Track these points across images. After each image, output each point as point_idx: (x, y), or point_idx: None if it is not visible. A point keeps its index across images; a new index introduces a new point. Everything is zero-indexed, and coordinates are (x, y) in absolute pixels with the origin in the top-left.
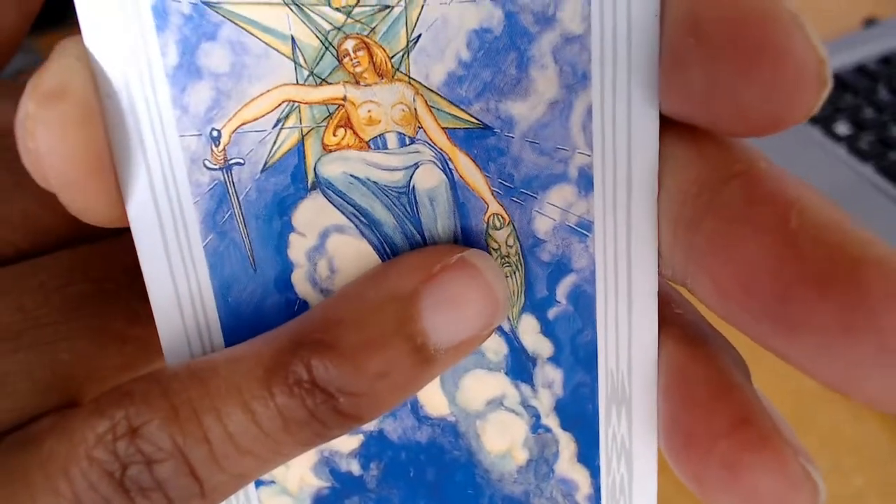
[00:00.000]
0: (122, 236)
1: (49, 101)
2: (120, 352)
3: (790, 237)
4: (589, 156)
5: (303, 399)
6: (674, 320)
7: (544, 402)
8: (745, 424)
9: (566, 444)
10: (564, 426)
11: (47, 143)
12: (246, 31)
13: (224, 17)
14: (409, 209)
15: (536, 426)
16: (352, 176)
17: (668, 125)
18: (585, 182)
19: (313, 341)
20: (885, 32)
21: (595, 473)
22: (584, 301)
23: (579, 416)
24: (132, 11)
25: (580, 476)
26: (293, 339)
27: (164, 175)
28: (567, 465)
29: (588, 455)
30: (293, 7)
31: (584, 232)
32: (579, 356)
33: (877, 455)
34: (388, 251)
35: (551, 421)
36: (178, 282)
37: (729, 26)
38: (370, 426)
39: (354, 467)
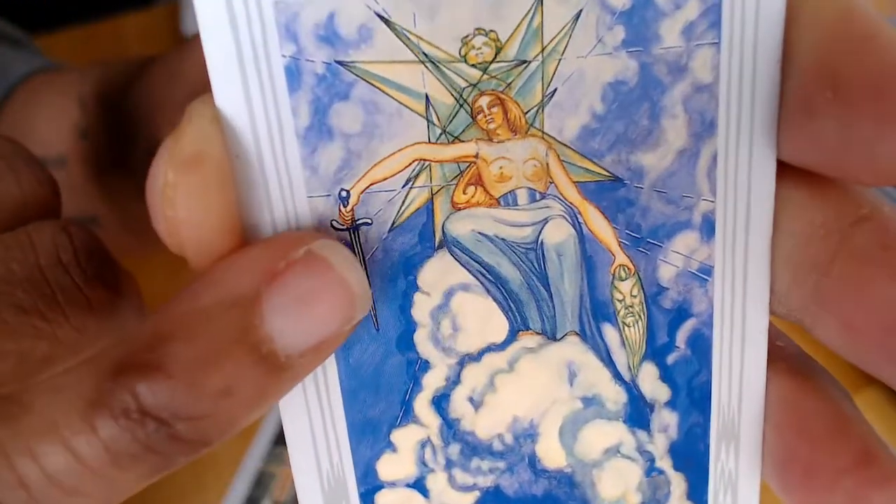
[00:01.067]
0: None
1: (188, 168)
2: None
3: None
4: (712, 202)
5: (132, 431)
6: (778, 354)
7: (659, 445)
8: (870, 460)
9: (677, 484)
10: (677, 467)
11: (187, 210)
12: (379, 90)
13: (358, 76)
14: (536, 265)
15: (650, 469)
16: (480, 233)
17: (785, 168)
18: (708, 228)
19: (139, 363)
20: None
21: None
22: (701, 344)
23: (691, 455)
24: (265, 73)
25: None
26: (116, 362)
27: None
28: (677, 503)
29: (697, 492)
30: (429, 65)
31: (705, 277)
32: (694, 398)
33: None
34: (512, 308)
35: (664, 463)
36: None
37: (872, 81)
38: (486, 482)
39: None
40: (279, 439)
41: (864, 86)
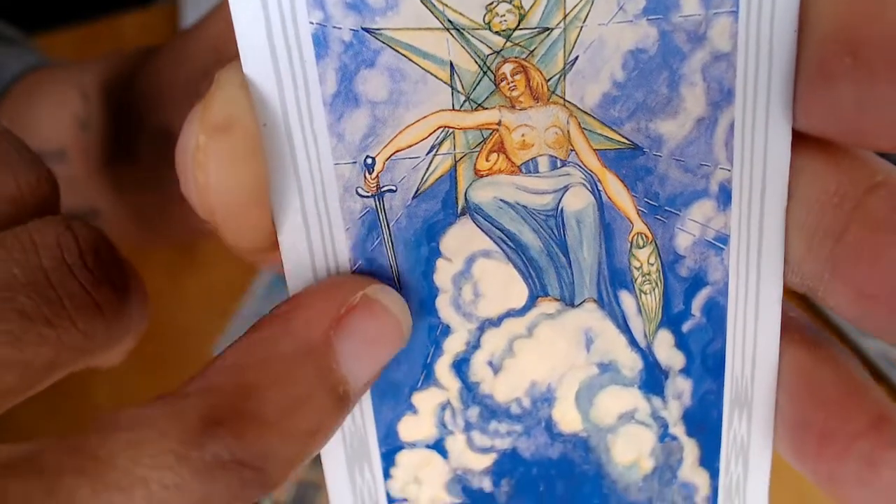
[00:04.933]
0: None
1: (219, 133)
2: None
3: None
4: (729, 170)
5: (227, 482)
6: (791, 324)
7: (673, 412)
8: (884, 422)
9: (690, 450)
10: (690, 433)
11: (217, 175)
12: (405, 57)
13: (384, 43)
14: (555, 232)
15: (664, 435)
16: (502, 200)
17: (799, 137)
18: (724, 196)
19: (231, 414)
20: None
21: (714, 475)
22: (716, 312)
23: (704, 422)
24: (292, 40)
25: (700, 479)
26: (204, 415)
27: (316, 203)
28: (689, 469)
29: (709, 458)
30: (453, 32)
31: (721, 245)
32: (708, 365)
33: None
34: (532, 274)
35: (678, 429)
36: None
37: (893, 44)
38: (503, 445)
39: (486, 484)
40: None
41: (884, 49)
